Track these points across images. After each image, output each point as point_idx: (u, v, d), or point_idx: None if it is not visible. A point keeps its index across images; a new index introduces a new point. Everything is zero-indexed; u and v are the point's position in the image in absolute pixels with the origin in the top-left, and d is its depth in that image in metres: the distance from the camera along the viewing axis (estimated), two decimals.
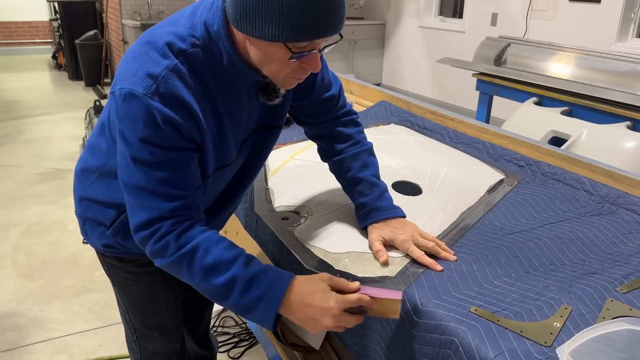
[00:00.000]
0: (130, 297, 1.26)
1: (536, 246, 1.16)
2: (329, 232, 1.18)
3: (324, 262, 1.09)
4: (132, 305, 1.27)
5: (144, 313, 1.28)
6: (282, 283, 0.93)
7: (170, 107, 0.89)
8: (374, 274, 1.04)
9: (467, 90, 5.35)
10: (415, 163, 1.56)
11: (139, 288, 1.24)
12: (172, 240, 0.94)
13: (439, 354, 0.90)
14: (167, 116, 0.89)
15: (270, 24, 0.82)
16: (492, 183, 1.50)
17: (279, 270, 0.96)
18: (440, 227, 1.24)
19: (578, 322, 0.90)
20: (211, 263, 0.93)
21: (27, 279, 2.61)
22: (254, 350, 2.14)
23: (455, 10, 5.94)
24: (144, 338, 1.31)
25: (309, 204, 1.30)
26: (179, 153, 0.93)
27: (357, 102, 2.38)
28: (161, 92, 0.88)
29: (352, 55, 6.69)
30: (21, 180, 3.80)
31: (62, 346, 2.14)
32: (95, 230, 1.17)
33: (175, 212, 0.95)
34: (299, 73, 0.94)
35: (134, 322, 1.29)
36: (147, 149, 0.91)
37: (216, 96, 0.96)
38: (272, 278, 0.93)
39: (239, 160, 1.12)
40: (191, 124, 0.92)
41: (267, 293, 0.92)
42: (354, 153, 1.21)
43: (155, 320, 1.29)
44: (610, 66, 2.92)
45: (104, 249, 1.19)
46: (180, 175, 0.94)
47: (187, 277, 0.96)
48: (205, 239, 0.95)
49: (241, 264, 0.94)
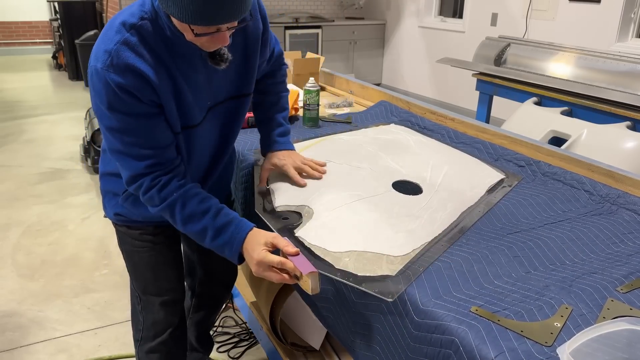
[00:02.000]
0: (134, 264, 1.42)
1: (536, 246, 1.16)
2: (329, 231, 1.18)
3: (324, 261, 1.09)
4: (136, 272, 1.42)
5: (145, 281, 1.42)
6: (241, 234, 1.13)
7: (123, 76, 1.03)
8: (374, 272, 1.04)
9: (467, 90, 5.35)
10: (416, 163, 1.56)
11: (143, 256, 1.39)
12: (155, 194, 1.13)
13: (439, 353, 0.90)
14: (122, 84, 1.03)
15: (176, 7, 0.97)
16: (492, 183, 1.50)
17: (241, 222, 1.14)
18: (441, 226, 1.24)
19: (578, 321, 0.90)
20: (187, 215, 1.14)
21: (27, 279, 2.61)
22: (254, 350, 2.14)
23: (455, 10, 5.94)
24: (146, 308, 1.45)
25: (310, 203, 1.30)
26: (142, 117, 1.08)
27: (358, 102, 2.38)
28: (115, 64, 1.03)
29: (352, 56, 6.69)
30: (21, 180, 3.80)
31: (62, 346, 2.14)
32: (112, 201, 1.35)
33: (151, 168, 1.12)
34: (212, 44, 1.07)
35: (138, 290, 1.44)
36: (114, 117, 1.06)
37: (169, 62, 1.09)
38: (234, 229, 1.13)
39: (212, 125, 1.26)
40: (147, 87, 1.06)
41: (230, 241, 1.13)
42: (273, 100, 1.46)
43: (155, 289, 1.43)
44: (610, 66, 2.92)
45: (116, 217, 1.36)
46: (148, 136, 1.10)
47: (172, 223, 1.18)
48: (182, 194, 1.14)
49: (211, 216, 1.14)
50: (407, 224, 1.22)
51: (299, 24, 6.20)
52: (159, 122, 1.12)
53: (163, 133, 1.13)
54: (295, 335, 1.82)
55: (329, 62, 6.24)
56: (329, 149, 1.63)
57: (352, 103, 2.33)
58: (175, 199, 1.13)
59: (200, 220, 1.14)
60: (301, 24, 6.22)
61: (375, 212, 1.25)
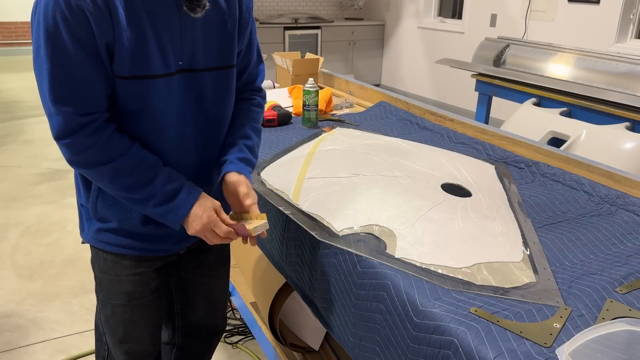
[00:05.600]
0: (106, 317, 1.25)
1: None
2: (431, 247, 1.12)
3: (457, 279, 1.03)
4: (109, 322, 1.26)
5: (115, 335, 1.26)
6: (191, 200, 1.07)
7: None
8: (520, 282, 1.02)
9: (467, 91, 5.36)
10: (435, 164, 1.54)
11: (118, 309, 1.23)
12: (91, 154, 1.00)
13: (438, 354, 0.90)
14: (77, 1, 0.91)
15: None
16: (495, 173, 1.54)
17: (192, 187, 1.09)
18: (514, 222, 1.25)
19: (578, 322, 0.90)
20: (135, 181, 1.03)
21: (26, 279, 2.61)
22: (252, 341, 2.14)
23: (454, 11, 5.94)
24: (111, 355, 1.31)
25: (376, 222, 1.21)
26: (85, 54, 0.95)
27: (357, 103, 2.38)
28: None
29: (352, 56, 6.70)
30: (20, 180, 3.80)
31: (61, 347, 2.14)
32: (86, 218, 1.19)
33: (86, 118, 0.99)
34: None
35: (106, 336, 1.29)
36: (53, 50, 0.94)
37: (138, 3, 0.98)
38: (184, 195, 1.07)
39: (187, 94, 1.11)
40: (104, 14, 0.94)
41: (177, 207, 1.06)
42: (241, 123, 1.26)
43: (125, 340, 1.26)
44: (609, 67, 2.92)
45: (96, 237, 1.18)
46: (85, 85, 0.98)
47: (111, 188, 1.05)
48: (127, 158, 1.03)
49: (161, 182, 1.05)
50: (493, 227, 1.21)
51: (299, 25, 6.20)
52: (101, 66, 0.99)
53: (100, 86, 1.00)
54: (294, 336, 1.81)
55: (329, 63, 6.24)
56: (330, 162, 1.52)
57: (353, 104, 2.33)
58: (118, 162, 1.02)
59: (146, 186, 1.04)
60: (300, 25, 6.22)
61: (455, 220, 1.21)
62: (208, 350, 1.51)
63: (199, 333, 1.45)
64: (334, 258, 1.15)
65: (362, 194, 1.31)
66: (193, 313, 1.41)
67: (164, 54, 1.04)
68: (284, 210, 1.31)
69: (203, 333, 1.46)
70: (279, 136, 1.83)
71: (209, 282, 1.39)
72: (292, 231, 1.32)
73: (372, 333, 1.06)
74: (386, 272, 1.04)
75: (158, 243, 1.18)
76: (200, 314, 1.41)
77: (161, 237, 1.18)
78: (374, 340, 1.06)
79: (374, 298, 1.05)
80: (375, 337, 1.05)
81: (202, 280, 1.37)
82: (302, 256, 1.28)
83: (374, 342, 1.06)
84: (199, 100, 1.13)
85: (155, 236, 1.17)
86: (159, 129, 1.09)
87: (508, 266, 1.07)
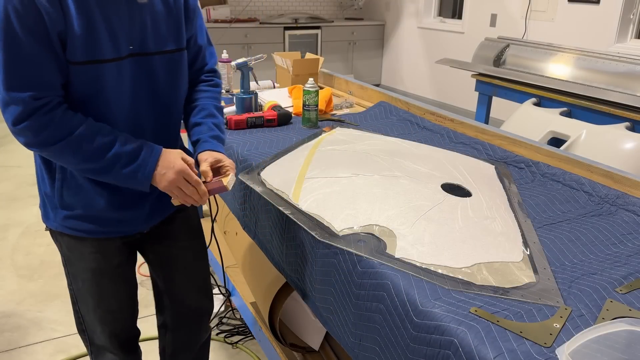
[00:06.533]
0: (77, 289, 1.33)
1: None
2: (431, 247, 1.12)
3: (458, 279, 1.03)
4: (79, 297, 1.34)
5: (88, 308, 1.34)
6: (154, 155, 1.13)
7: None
8: (520, 282, 1.02)
9: (466, 91, 5.36)
10: (435, 164, 1.54)
11: (86, 281, 1.30)
12: (49, 132, 1.04)
13: (438, 354, 0.90)
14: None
15: None
16: (494, 173, 1.53)
17: (152, 145, 1.15)
18: (514, 222, 1.25)
19: (578, 322, 0.90)
20: (96, 147, 1.08)
21: (26, 279, 2.61)
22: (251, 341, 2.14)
23: (454, 11, 5.94)
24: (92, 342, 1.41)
25: (375, 222, 1.21)
26: (37, 43, 1.00)
27: (357, 103, 2.38)
28: None
29: (352, 56, 6.70)
30: (20, 180, 3.80)
31: (61, 346, 2.14)
32: (51, 207, 1.24)
33: (40, 108, 1.03)
34: None
35: (82, 317, 1.37)
36: (6, 40, 0.98)
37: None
38: (146, 152, 1.13)
39: (139, 78, 1.16)
40: (54, 3, 0.99)
41: (144, 163, 1.12)
42: (205, 104, 1.35)
43: (99, 318, 1.34)
44: (609, 67, 2.92)
45: (62, 222, 1.24)
46: (39, 73, 1.02)
47: (74, 161, 1.10)
48: (85, 129, 1.07)
49: (121, 143, 1.10)
50: (493, 227, 1.21)
51: (298, 25, 6.20)
52: (53, 54, 1.03)
53: (55, 70, 1.05)
54: (294, 336, 1.82)
55: (328, 63, 6.24)
56: (330, 162, 1.52)
57: (353, 104, 2.33)
58: (76, 135, 1.06)
59: (108, 151, 1.09)
60: (300, 25, 6.22)
61: (455, 220, 1.21)
62: (199, 331, 1.54)
63: (187, 314, 1.50)
64: (334, 258, 1.15)
65: (362, 194, 1.31)
66: (176, 290, 1.46)
67: (114, 38, 1.09)
68: (284, 210, 1.31)
69: (190, 314, 1.50)
70: (279, 136, 1.83)
71: (184, 254, 1.43)
72: (292, 231, 1.32)
73: (372, 333, 1.06)
74: (386, 272, 1.04)
75: (122, 225, 1.26)
76: (182, 290, 1.46)
77: (126, 220, 1.25)
78: (374, 340, 1.06)
79: (374, 298, 1.05)
80: (375, 337, 1.05)
81: (174, 251, 1.42)
82: (302, 256, 1.29)
83: (374, 342, 1.06)
84: (151, 83, 1.20)
85: (119, 220, 1.24)
86: (112, 113, 1.14)
87: (508, 266, 1.07)
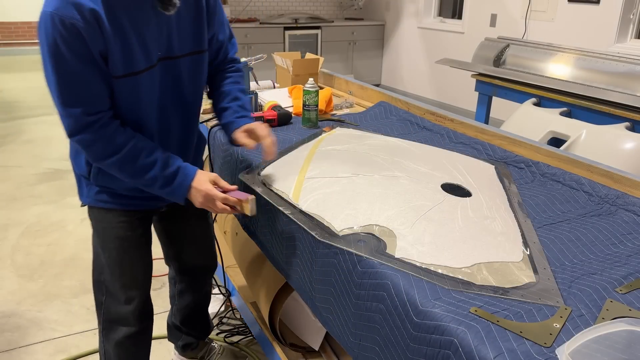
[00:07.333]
0: (106, 258, 1.47)
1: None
2: (431, 247, 1.12)
3: (457, 279, 1.03)
4: (106, 266, 1.48)
5: (112, 275, 1.48)
6: (188, 179, 1.30)
7: (72, 15, 1.09)
8: (520, 282, 1.02)
9: (466, 91, 5.36)
10: (436, 164, 1.54)
11: (113, 250, 1.45)
12: (99, 147, 1.22)
13: (438, 354, 0.90)
14: (72, 23, 1.09)
15: None
16: (495, 173, 1.53)
17: (187, 168, 1.31)
18: (514, 222, 1.25)
19: (578, 322, 0.90)
20: (137, 168, 1.25)
21: (26, 279, 2.61)
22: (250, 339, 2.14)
23: (454, 11, 5.94)
24: (110, 301, 1.52)
25: (375, 222, 1.21)
26: (83, 63, 1.14)
27: (357, 103, 2.38)
28: (65, 4, 1.09)
29: (352, 56, 6.70)
30: (21, 180, 3.80)
31: (61, 347, 2.14)
32: (86, 184, 1.42)
33: (92, 124, 1.19)
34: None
35: (105, 283, 1.50)
36: (58, 61, 1.12)
37: (118, 8, 1.16)
38: (181, 176, 1.29)
39: (165, 79, 1.31)
40: (95, 29, 1.12)
41: (179, 186, 1.29)
42: (229, 89, 1.51)
43: (120, 284, 1.49)
44: (609, 67, 2.92)
45: (95, 197, 1.41)
46: (87, 89, 1.17)
47: (119, 175, 1.28)
48: (130, 150, 1.23)
49: (160, 167, 1.27)
50: (493, 227, 1.21)
51: (298, 25, 6.20)
52: (97, 75, 1.17)
53: (102, 87, 1.20)
54: (294, 336, 1.82)
55: (328, 63, 6.24)
56: (330, 162, 1.51)
57: (353, 104, 2.33)
58: (123, 154, 1.23)
59: (148, 172, 1.26)
60: (300, 25, 6.22)
61: (455, 220, 1.21)
62: (204, 283, 1.83)
63: (194, 271, 1.77)
64: (334, 258, 1.16)
65: (362, 194, 1.31)
66: (186, 256, 1.72)
67: (146, 50, 1.23)
68: (284, 210, 1.31)
69: (197, 271, 1.77)
70: (279, 136, 1.83)
71: (193, 231, 1.67)
72: (292, 231, 1.32)
73: (372, 333, 1.06)
74: (386, 272, 1.04)
75: (144, 202, 1.44)
76: (191, 257, 1.72)
77: (147, 199, 1.43)
78: (374, 340, 1.06)
79: (374, 298, 1.05)
80: (375, 337, 1.05)
81: (186, 229, 1.65)
82: (302, 256, 1.29)
83: (374, 342, 1.06)
84: (176, 83, 1.35)
85: (142, 197, 1.42)
86: (147, 114, 1.30)
87: (508, 266, 1.07)
